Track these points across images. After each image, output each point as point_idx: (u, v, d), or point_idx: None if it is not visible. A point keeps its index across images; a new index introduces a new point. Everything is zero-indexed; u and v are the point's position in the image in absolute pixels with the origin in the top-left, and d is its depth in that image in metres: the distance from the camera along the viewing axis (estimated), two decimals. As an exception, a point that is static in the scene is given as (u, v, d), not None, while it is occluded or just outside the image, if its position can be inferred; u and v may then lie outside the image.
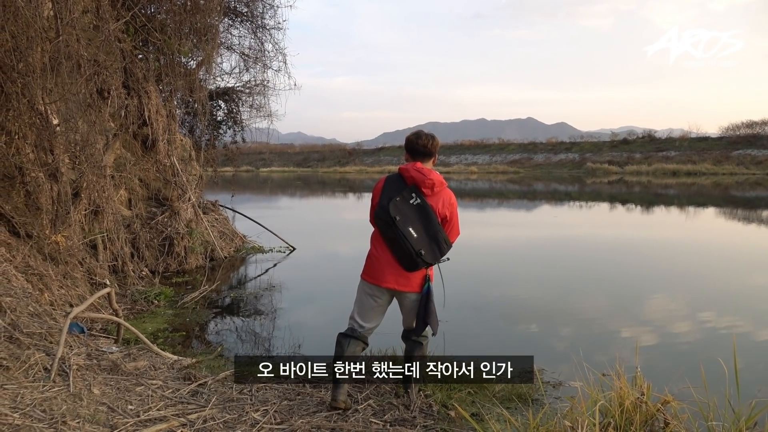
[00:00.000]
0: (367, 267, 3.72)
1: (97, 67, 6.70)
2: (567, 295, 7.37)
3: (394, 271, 3.59)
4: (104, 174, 7.24)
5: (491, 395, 3.99)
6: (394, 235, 3.48)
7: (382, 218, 3.51)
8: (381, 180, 3.72)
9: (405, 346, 3.93)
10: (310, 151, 77.22)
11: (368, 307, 3.72)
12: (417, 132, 3.72)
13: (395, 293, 3.68)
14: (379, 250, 3.64)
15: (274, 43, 12.46)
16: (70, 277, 5.91)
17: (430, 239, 3.51)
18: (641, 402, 3.16)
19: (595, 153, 59.61)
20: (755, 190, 31.19)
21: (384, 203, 3.53)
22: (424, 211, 3.52)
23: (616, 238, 13.43)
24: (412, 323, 3.79)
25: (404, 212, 3.49)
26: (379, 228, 3.58)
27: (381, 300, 3.71)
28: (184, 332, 5.71)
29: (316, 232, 14.91)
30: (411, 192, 3.54)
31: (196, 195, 9.96)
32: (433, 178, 3.54)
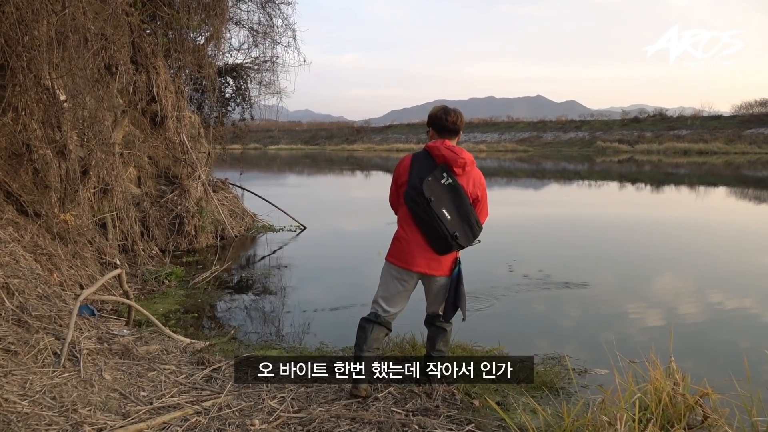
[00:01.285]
0: (395, 249, 3.54)
1: (105, 42, 6.52)
2: (579, 275, 7.19)
3: (425, 254, 3.43)
4: (113, 151, 7.08)
5: (516, 383, 3.84)
6: (428, 217, 3.31)
7: (415, 199, 3.34)
8: (406, 159, 3.54)
9: (428, 332, 3.78)
10: (318, 129, 76.84)
11: (395, 291, 3.56)
12: (444, 107, 3.51)
13: (423, 277, 3.53)
14: (408, 232, 3.46)
15: (284, 18, 12.22)
16: (80, 256, 5.79)
17: (462, 221, 3.36)
18: (678, 394, 3.01)
19: (605, 131, 58.98)
20: (766, 169, 30.77)
21: (416, 183, 3.35)
22: (456, 192, 3.35)
23: (625, 217, 13.25)
24: (438, 308, 3.64)
25: (437, 193, 3.32)
26: (410, 209, 3.39)
27: (409, 284, 3.56)
28: (195, 314, 5.59)
29: (326, 210, 14.76)
30: (442, 171, 3.36)
31: (206, 173, 9.81)
32: (465, 157, 3.38)
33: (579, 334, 5.22)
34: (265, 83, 13.05)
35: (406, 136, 67.30)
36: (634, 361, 4.24)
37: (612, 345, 4.81)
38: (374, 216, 13.61)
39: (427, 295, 3.67)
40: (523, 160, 41.42)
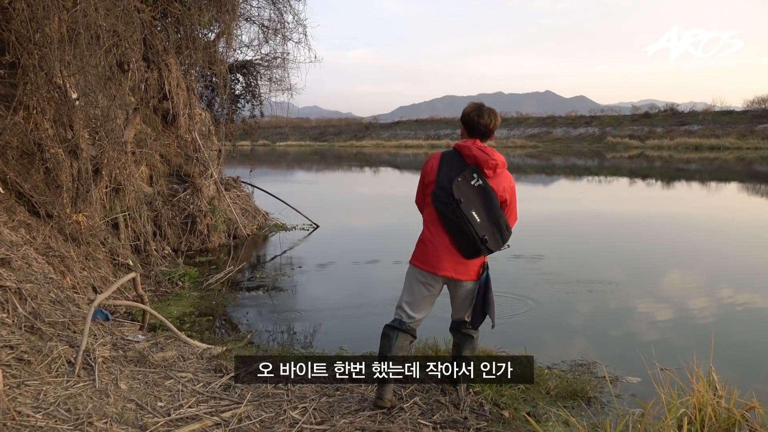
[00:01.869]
0: (420, 252, 3.38)
1: (117, 39, 6.39)
2: (600, 274, 7.01)
3: (452, 258, 3.27)
4: (125, 150, 6.97)
5: (545, 392, 3.69)
6: (457, 219, 3.16)
7: (443, 200, 3.18)
8: (434, 157, 3.38)
9: (453, 339, 3.63)
10: (327, 125, 76.67)
11: (420, 296, 3.41)
12: (478, 107, 3.32)
13: (449, 282, 3.38)
14: (435, 235, 3.30)
15: (295, 14, 12.11)
16: (93, 258, 5.69)
17: (492, 224, 3.20)
18: (723, 408, 2.85)
19: (616, 127, 58.49)
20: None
21: (444, 184, 3.19)
22: (486, 194, 3.20)
23: (635, 213, 13.06)
24: (464, 314, 3.49)
25: (467, 194, 3.17)
26: (439, 211, 3.23)
27: (434, 289, 3.40)
28: (210, 316, 5.47)
29: (338, 207, 14.62)
30: (472, 172, 3.20)
31: (218, 171, 9.70)
32: (496, 159, 3.21)
33: (606, 339, 5.05)
34: (275, 80, 12.94)
35: (414, 133, 67.00)
36: (667, 369, 4.11)
37: (641, 349, 4.67)
38: (386, 213, 13.50)
39: (452, 301, 3.53)
40: (533, 156, 41.12)
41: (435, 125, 69.29)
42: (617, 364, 4.31)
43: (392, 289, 6.48)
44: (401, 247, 9.08)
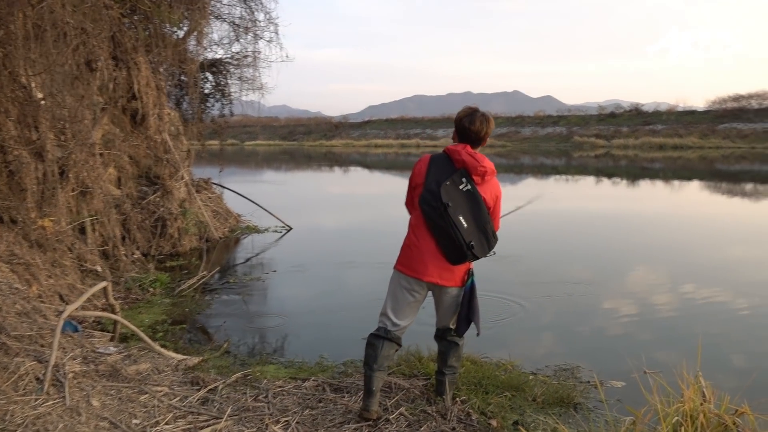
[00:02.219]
0: (404, 257, 3.30)
1: (84, 36, 6.17)
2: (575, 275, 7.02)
3: (437, 264, 3.20)
4: (93, 152, 6.73)
5: (531, 399, 3.64)
6: (444, 224, 3.09)
7: (431, 204, 3.11)
8: (423, 160, 3.29)
9: (438, 347, 3.56)
10: (296, 125, 76.01)
11: (404, 302, 3.32)
12: (470, 113, 3.23)
13: (434, 288, 3.30)
14: (420, 239, 3.22)
15: (266, 12, 11.92)
16: (59, 265, 5.47)
17: (479, 230, 3.14)
18: (713, 414, 2.83)
19: (582, 126, 59.37)
20: (740, 163, 31.20)
21: (432, 187, 3.12)
22: (474, 199, 3.13)
23: (601, 211, 13.25)
24: (449, 322, 3.42)
25: (455, 198, 3.10)
26: (426, 214, 3.15)
27: (419, 295, 3.32)
28: (184, 324, 5.30)
29: (310, 208, 14.46)
30: (461, 176, 3.14)
31: (188, 172, 9.48)
32: (486, 166, 3.15)
33: (586, 341, 5.01)
34: (245, 79, 12.75)
35: (384, 132, 66.92)
36: (650, 372, 4.10)
37: (622, 351, 4.66)
38: (358, 214, 13.41)
39: (437, 308, 3.45)
40: (502, 155, 41.40)
41: (405, 125, 69.35)
42: (600, 368, 4.28)
43: (369, 293, 6.40)
44: (376, 249, 9.13)
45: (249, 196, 11.47)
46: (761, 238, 9.91)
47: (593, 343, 4.97)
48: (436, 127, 67.07)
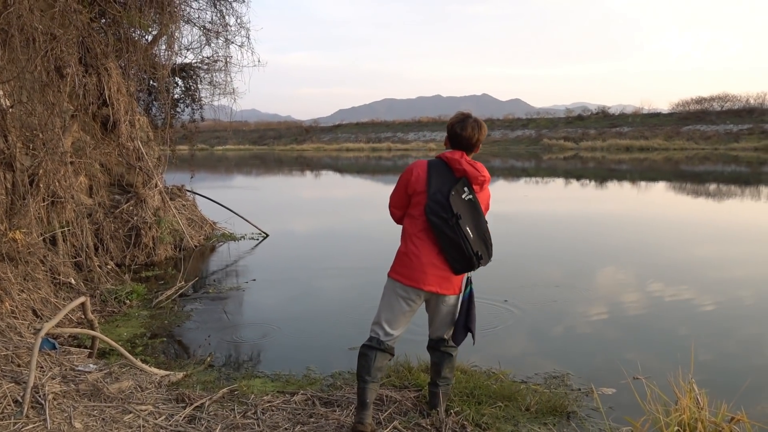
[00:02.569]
0: (401, 266, 3.22)
1: (54, 42, 5.98)
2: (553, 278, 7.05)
3: (437, 272, 3.14)
4: (64, 160, 6.53)
5: (524, 409, 3.61)
6: (455, 235, 3.03)
7: (440, 215, 3.04)
8: (420, 166, 3.21)
9: (432, 358, 3.50)
10: (266, 129, 75.55)
11: (399, 312, 3.25)
12: (462, 119, 3.20)
13: (432, 297, 3.24)
14: (420, 248, 3.15)
15: (237, 16, 11.80)
16: (32, 278, 5.27)
17: (480, 239, 3.11)
18: (711, 422, 2.83)
19: (551, 129, 60.28)
20: (704, 164, 31.99)
21: (439, 197, 3.06)
22: (475, 209, 3.12)
23: (575, 212, 13.43)
24: (445, 332, 3.37)
25: (461, 209, 3.06)
26: (434, 225, 3.08)
27: (415, 305, 3.26)
28: (164, 337, 5.15)
29: (285, 213, 14.33)
30: (463, 186, 3.10)
31: (162, 180, 9.28)
32: (485, 176, 3.15)
33: (571, 347, 4.99)
34: (216, 83, 12.58)
35: (355, 136, 66.95)
36: (639, 377, 4.11)
37: (608, 356, 4.68)
38: (333, 218, 13.31)
39: (432, 317, 3.39)
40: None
41: (375, 128, 69.48)
42: (589, 374, 4.28)
43: (351, 299, 6.36)
44: (353, 254, 9.08)
45: (223, 203, 11.29)
46: (731, 238, 10.11)
47: (579, 349, 4.93)
48: (407, 130, 67.34)
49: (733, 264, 8.13)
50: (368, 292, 6.44)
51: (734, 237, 10.34)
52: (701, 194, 18.24)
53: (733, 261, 8.32)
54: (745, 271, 7.69)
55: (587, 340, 5.18)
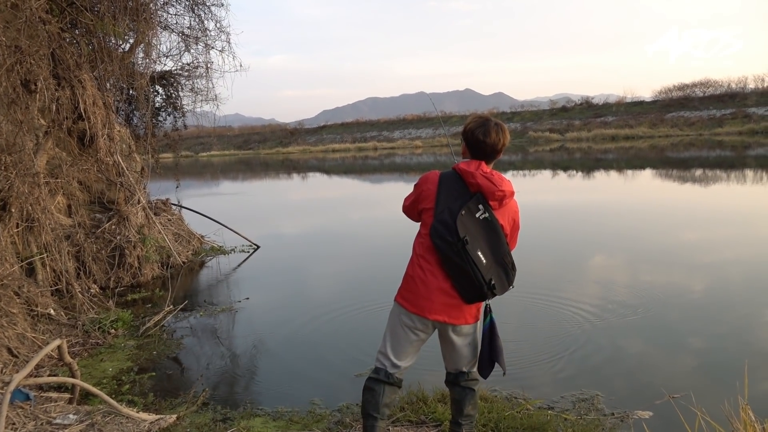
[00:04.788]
0: (407, 290, 2.86)
1: (20, 55, 5.55)
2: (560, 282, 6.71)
3: (445, 300, 2.76)
4: (38, 182, 6.10)
5: (555, 443, 3.26)
6: (461, 261, 2.65)
7: (446, 239, 2.67)
8: (431, 179, 2.86)
9: (451, 394, 3.13)
10: (251, 133, 74.78)
11: (405, 341, 2.88)
12: (483, 123, 2.81)
13: (442, 326, 2.86)
14: (427, 273, 2.78)
15: (217, 21, 11.39)
16: (5, 313, 4.85)
17: (497, 264, 2.73)
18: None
19: (536, 122, 60.17)
20: (689, 150, 31.97)
21: (446, 217, 2.69)
22: (492, 229, 2.72)
23: (559, 203, 13.19)
24: (463, 365, 2.99)
25: (472, 231, 2.67)
26: (439, 249, 2.71)
27: (423, 334, 2.89)
28: (153, 372, 4.74)
29: (274, 220, 13.91)
30: (477, 203, 2.71)
31: (144, 195, 8.85)
32: (504, 190, 2.72)
33: (596, 361, 4.60)
34: (197, 90, 12.18)
35: (341, 136, 66.47)
36: (675, 396, 3.79)
37: (633, 371, 4.34)
38: (324, 223, 12.91)
39: (447, 350, 2.99)
40: (459, 154, 41.25)
41: (360, 128, 69.06)
42: (619, 394, 3.94)
43: (354, 320, 5.91)
44: (351, 265, 8.66)
45: (211, 213, 10.88)
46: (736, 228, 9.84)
47: (603, 364, 4.55)
48: (392, 128, 66.96)
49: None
50: (373, 306, 6.10)
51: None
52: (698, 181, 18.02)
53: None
54: None
55: (609, 352, 4.79)
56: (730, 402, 3.06)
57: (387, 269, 7.62)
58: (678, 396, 3.75)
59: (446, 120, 66.83)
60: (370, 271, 8.17)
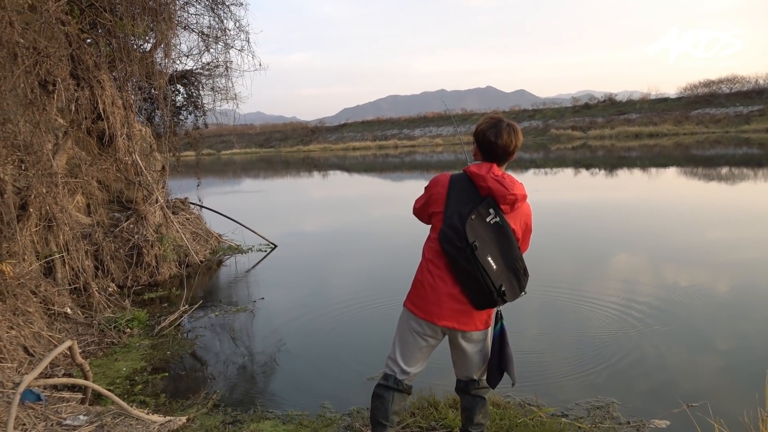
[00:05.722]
0: (416, 295, 2.82)
1: (38, 56, 5.60)
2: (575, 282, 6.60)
3: (455, 306, 2.72)
4: (56, 181, 6.16)
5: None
6: (471, 267, 2.60)
7: (455, 243, 2.61)
8: (441, 182, 2.79)
9: (462, 402, 3.07)
10: (272, 131, 75.25)
11: (415, 347, 2.84)
12: (495, 124, 2.71)
13: (451, 332, 2.82)
14: (437, 278, 2.73)
15: (236, 20, 11.44)
16: (22, 312, 4.90)
17: (509, 270, 2.66)
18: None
19: (558, 119, 59.59)
20: (714, 148, 31.37)
21: (455, 221, 2.63)
22: (504, 234, 2.65)
23: (580, 201, 12.99)
24: (474, 372, 2.94)
25: (482, 236, 2.61)
26: (448, 255, 2.66)
27: (433, 340, 2.84)
28: (165, 372, 4.76)
29: (293, 218, 13.93)
30: (488, 207, 2.65)
31: (163, 195, 8.91)
32: (516, 193, 2.64)
33: (611, 367, 4.50)
34: (218, 89, 12.27)
35: (361, 134, 66.56)
36: (693, 405, 3.69)
37: (647, 377, 4.24)
38: (343, 221, 12.89)
39: (456, 357, 2.94)
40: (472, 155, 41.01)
41: (381, 126, 69.05)
42: (635, 402, 3.84)
43: (369, 322, 5.85)
44: (368, 264, 8.62)
45: (230, 211, 10.95)
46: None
47: (618, 370, 4.44)
48: (412, 126, 66.86)
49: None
50: (389, 306, 6.07)
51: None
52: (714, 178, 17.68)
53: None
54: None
55: (628, 357, 4.67)
56: (749, 414, 2.97)
57: (405, 268, 7.50)
58: (696, 405, 3.66)
59: (467, 118, 66.53)
60: (388, 269, 8.12)
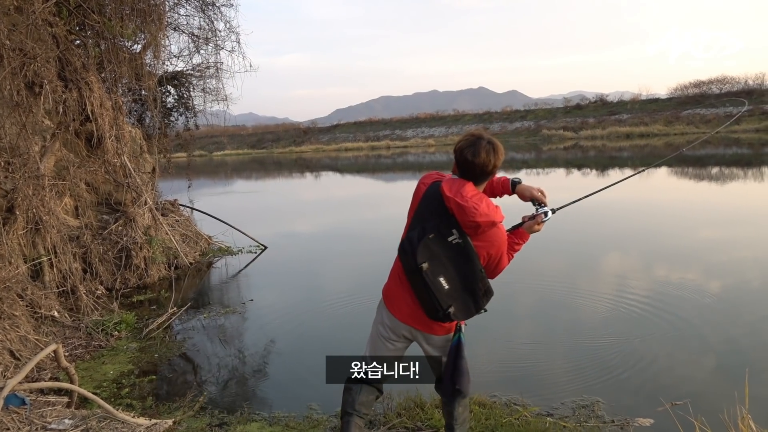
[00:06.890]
0: (388, 288, 2.87)
1: (25, 58, 5.58)
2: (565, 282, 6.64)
3: (414, 309, 2.73)
4: (43, 184, 6.13)
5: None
6: (419, 285, 2.60)
7: (407, 257, 2.59)
8: (425, 181, 2.75)
9: (442, 399, 3.08)
10: (264, 132, 75.02)
11: (382, 347, 2.85)
12: (473, 142, 2.59)
13: (416, 333, 2.80)
14: (401, 280, 2.76)
15: (226, 21, 11.43)
16: (8, 316, 4.88)
17: (465, 291, 2.61)
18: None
19: (550, 120, 59.74)
20: (705, 148, 31.54)
21: (413, 236, 2.59)
22: (464, 254, 2.58)
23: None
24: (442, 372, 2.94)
25: (437, 256, 2.57)
26: (402, 262, 2.67)
27: (397, 344, 2.85)
28: (153, 375, 4.75)
29: (286, 221, 13.90)
30: (451, 227, 2.58)
31: (153, 196, 8.88)
32: (478, 221, 2.51)
33: (596, 367, 4.53)
34: (208, 90, 12.25)
35: (353, 135, 66.46)
36: (677, 403, 3.72)
37: (631, 376, 4.26)
38: (332, 223, 12.88)
39: (426, 356, 2.91)
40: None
41: (374, 127, 69.03)
42: (620, 401, 3.87)
43: (361, 325, 5.76)
44: (355, 268, 8.62)
45: (220, 213, 10.94)
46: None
47: (603, 369, 4.46)
48: (405, 127, 66.88)
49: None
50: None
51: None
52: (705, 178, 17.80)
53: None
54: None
55: (609, 357, 4.70)
56: (730, 411, 2.99)
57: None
58: (680, 403, 3.68)
59: (459, 118, 66.61)
60: (378, 271, 8.09)
